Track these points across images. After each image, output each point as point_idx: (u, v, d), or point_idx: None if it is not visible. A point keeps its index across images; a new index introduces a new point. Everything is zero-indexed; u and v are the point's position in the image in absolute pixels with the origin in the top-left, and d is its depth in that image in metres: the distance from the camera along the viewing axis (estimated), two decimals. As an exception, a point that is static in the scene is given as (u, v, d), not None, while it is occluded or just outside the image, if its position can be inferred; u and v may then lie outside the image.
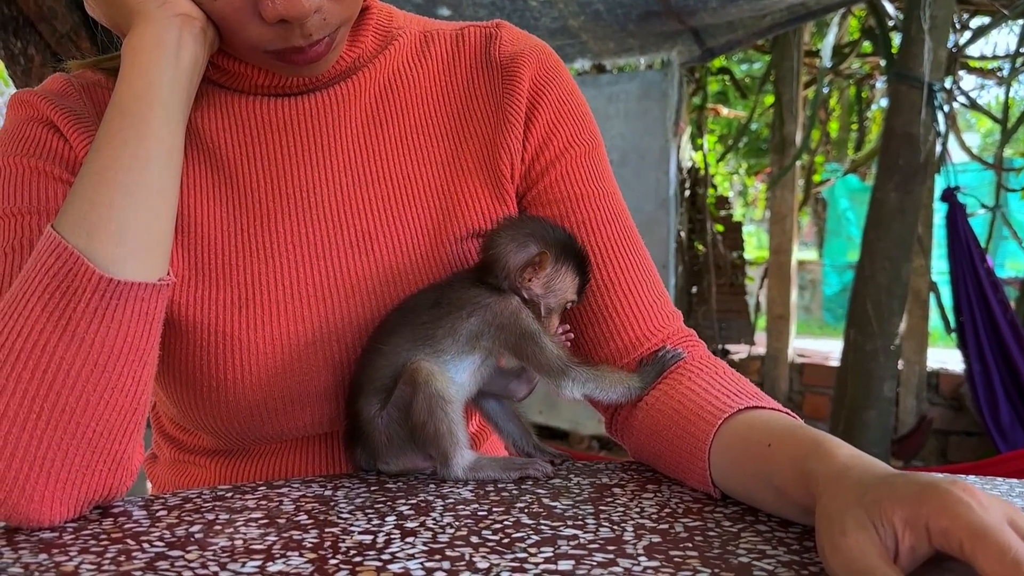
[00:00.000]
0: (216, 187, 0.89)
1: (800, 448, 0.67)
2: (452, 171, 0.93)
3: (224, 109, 0.90)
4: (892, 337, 3.95)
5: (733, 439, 0.76)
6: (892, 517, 0.53)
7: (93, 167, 0.74)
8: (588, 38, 3.89)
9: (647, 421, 0.87)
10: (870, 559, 0.52)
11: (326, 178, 0.90)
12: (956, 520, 0.51)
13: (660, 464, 0.86)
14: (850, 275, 4.85)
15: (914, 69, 3.81)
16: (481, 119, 0.95)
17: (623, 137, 4.25)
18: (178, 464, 1.02)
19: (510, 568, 0.58)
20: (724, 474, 0.76)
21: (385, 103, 0.94)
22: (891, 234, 3.87)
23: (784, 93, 5.60)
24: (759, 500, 0.73)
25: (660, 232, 4.18)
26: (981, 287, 3.99)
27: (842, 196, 9.92)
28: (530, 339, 0.83)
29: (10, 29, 2.48)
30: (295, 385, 0.87)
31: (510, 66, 0.95)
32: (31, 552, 0.62)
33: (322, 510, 0.73)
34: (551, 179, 0.95)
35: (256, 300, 0.86)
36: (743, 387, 0.83)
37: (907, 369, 4.89)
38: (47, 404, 0.68)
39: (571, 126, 0.96)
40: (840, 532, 0.55)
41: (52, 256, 0.70)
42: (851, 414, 4.02)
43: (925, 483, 0.54)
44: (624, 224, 0.97)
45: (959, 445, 4.82)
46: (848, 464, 0.61)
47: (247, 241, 0.88)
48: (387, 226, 0.91)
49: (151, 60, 0.76)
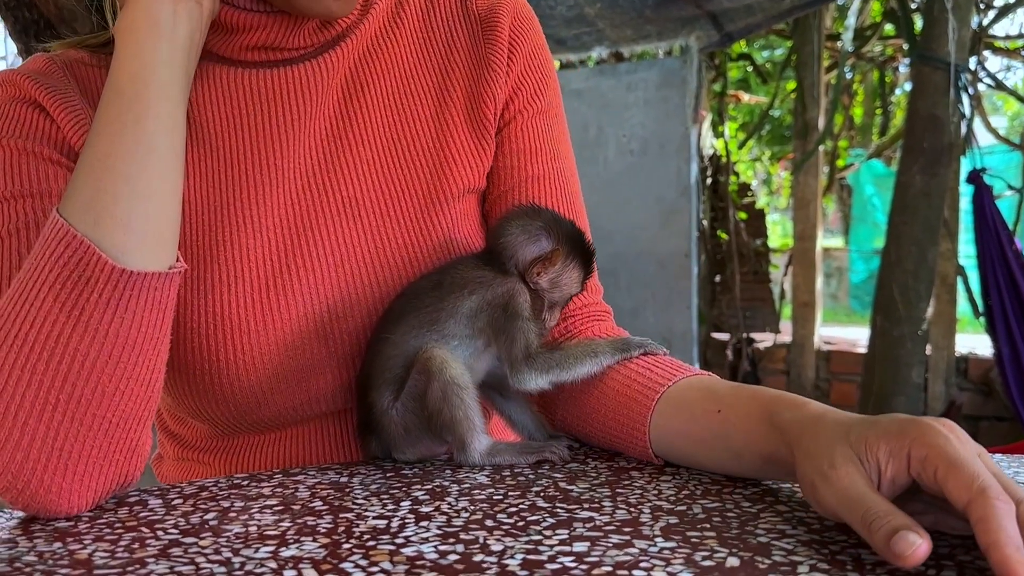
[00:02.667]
0: (201, 161, 0.88)
1: (759, 403, 0.72)
2: (439, 127, 0.94)
3: (209, 81, 0.90)
4: (919, 322, 3.91)
5: (673, 409, 0.80)
6: (877, 451, 0.57)
7: (95, 153, 0.73)
8: (605, 25, 3.86)
9: (576, 397, 0.89)
10: (861, 487, 0.55)
11: (311, 147, 0.90)
12: (934, 449, 0.54)
13: (595, 436, 0.88)
14: (877, 262, 4.80)
15: (937, 50, 3.75)
16: (463, 72, 0.96)
17: (643, 126, 4.22)
18: (182, 462, 1.01)
19: (524, 550, 0.57)
20: (667, 444, 0.80)
21: (366, 67, 0.94)
22: (917, 218, 3.83)
23: (806, 78, 5.55)
24: (705, 461, 0.78)
25: (682, 221, 4.14)
26: (1009, 270, 3.92)
27: (867, 182, 9.81)
28: (514, 320, 0.83)
29: (32, 32, 2.49)
30: (289, 361, 0.86)
31: (489, 17, 0.97)
32: (45, 541, 0.62)
33: (337, 496, 0.72)
34: (512, 131, 0.96)
35: (246, 276, 0.85)
36: (666, 362, 0.86)
37: (935, 355, 4.84)
38: (63, 396, 0.68)
39: (536, 81, 0.98)
40: (829, 466, 0.58)
41: (62, 244, 0.69)
42: (879, 401, 3.98)
43: (908, 419, 0.58)
44: (571, 189, 0.99)
45: (989, 430, 4.76)
46: (821, 411, 0.66)
47: (234, 215, 0.87)
48: (374, 191, 0.91)
49: (145, 40, 0.75)
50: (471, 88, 0.95)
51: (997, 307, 3.98)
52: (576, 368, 0.85)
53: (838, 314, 9.98)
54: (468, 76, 0.95)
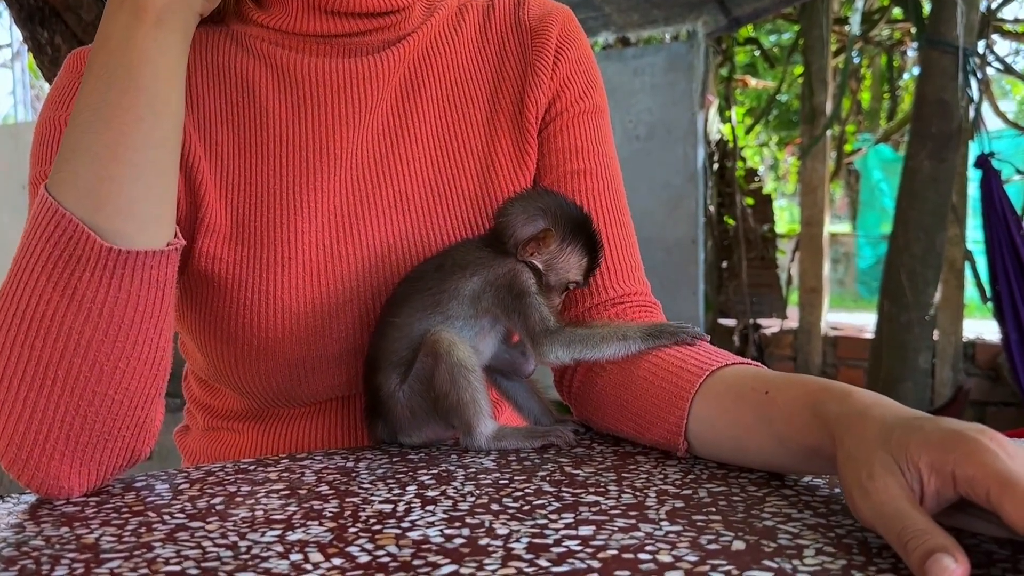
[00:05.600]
0: (265, 145, 0.90)
1: (806, 390, 0.68)
2: (489, 132, 0.96)
3: (278, 69, 0.92)
4: (927, 308, 3.90)
5: (721, 388, 0.76)
6: (918, 462, 0.53)
7: (102, 141, 0.71)
8: (611, 10, 3.85)
9: (616, 373, 0.86)
10: (899, 502, 0.52)
11: (368, 139, 0.92)
12: (983, 468, 0.50)
13: (621, 417, 0.85)
14: (884, 247, 4.78)
15: (946, 34, 3.73)
16: (513, 79, 0.98)
17: (650, 111, 4.21)
18: (211, 431, 1.03)
19: (530, 534, 0.58)
20: (708, 423, 0.76)
21: (424, 67, 0.96)
22: (925, 203, 3.81)
23: (813, 62, 5.51)
24: (748, 448, 0.72)
25: (689, 206, 4.14)
26: (1017, 255, 3.90)
27: (875, 167, 9.77)
28: (522, 297, 0.82)
29: (36, 19, 2.49)
30: (332, 343, 0.88)
31: (538, 26, 0.99)
32: (53, 525, 0.63)
33: (343, 481, 0.72)
34: (555, 128, 0.97)
35: (298, 258, 0.87)
36: (718, 350, 0.83)
37: (943, 340, 4.82)
38: (60, 372, 0.68)
39: (583, 84, 0.99)
40: (868, 476, 0.55)
41: (52, 223, 0.69)
42: (886, 386, 3.98)
43: (952, 430, 0.53)
44: (615, 186, 0.99)
45: (997, 416, 4.75)
46: (867, 403, 0.61)
47: (291, 199, 0.89)
48: (424, 188, 0.93)
49: (132, 24, 0.73)
50: (518, 94, 0.97)
51: (1005, 292, 3.96)
52: (602, 347, 0.83)
53: (845, 300, 9.96)
54: (516, 83, 0.98)
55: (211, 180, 0.88)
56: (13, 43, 8.44)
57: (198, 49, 0.92)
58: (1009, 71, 5.34)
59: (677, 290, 4.15)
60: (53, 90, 0.89)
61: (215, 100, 0.91)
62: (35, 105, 8.43)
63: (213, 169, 0.89)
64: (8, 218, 5.29)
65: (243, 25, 0.94)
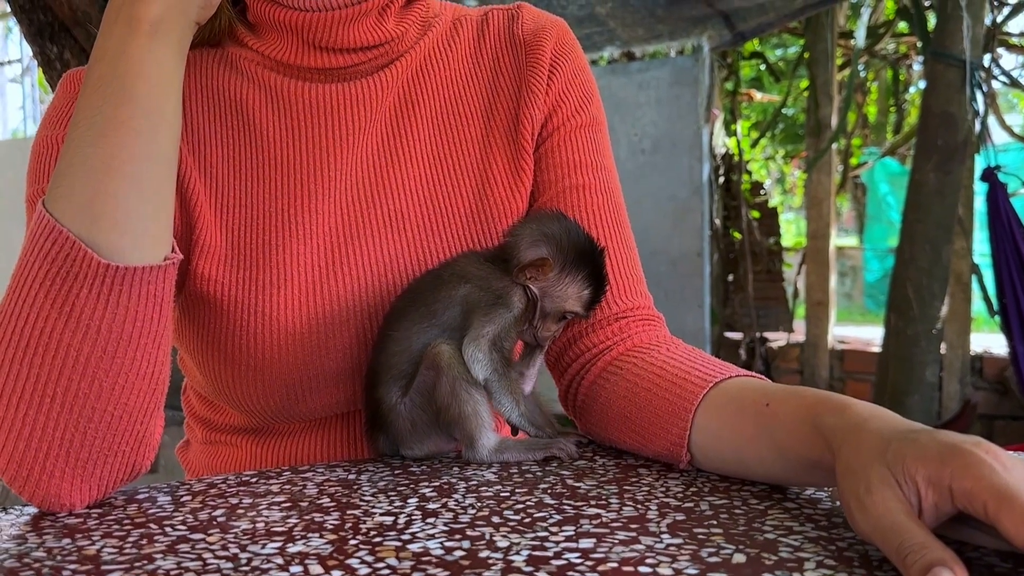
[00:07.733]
0: (260, 167, 0.90)
1: (806, 403, 0.68)
2: (484, 149, 0.96)
3: (272, 92, 0.92)
4: (934, 321, 3.89)
5: (724, 400, 0.76)
6: (915, 475, 0.53)
7: (98, 155, 0.71)
8: (616, 25, 3.86)
9: (620, 385, 0.86)
10: (897, 516, 0.52)
11: (362, 160, 0.92)
12: (980, 482, 0.50)
13: (624, 429, 0.85)
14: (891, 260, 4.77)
15: (951, 47, 3.74)
16: (508, 95, 0.97)
17: (655, 124, 4.21)
18: (210, 445, 1.03)
19: (530, 546, 0.57)
20: (710, 435, 0.76)
21: (418, 86, 0.96)
22: (931, 216, 3.81)
23: (819, 76, 5.52)
24: (750, 461, 0.72)
25: (694, 219, 4.14)
26: (1024, 268, 3.89)
27: (882, 180, 9.76)
28: (495, 308, 0.82)
29: (46, 35, 2.51)
30: (329, 363, 0.88)
31: (532, 41, 0.98)
32: (55, 537, 0.63)
33: (345, 493, 0.72)
34: (553, 143, 0.97)
35: (294, 280, 0.87)
36: (721, 363, 0.83)
37: (950, 353, 4.80)
38: (59, 389, 0.68)
39: (578, 98, 0.99)
40: (865, 490, 0.54)
41: (49, 241, 0.69)
42: (893, 400, 3.96)
43: (948, 443, 0.53)
44: (615, 200, 0.98)
45: (1004, 429, 4.73)
46: (864, 415, 0.61)
47: (287, 222, 0.89)
48: (419, 207, 0.93)
49: (127, 36, 0.73)
50: (513, 111, 0.97)
51: (1012, 305, 3.94)
52: (501, 396, 0.83)
53: (852, 313, 9.93)
54: (511, 99, 0.97)
55: (206, 201, 0.89)
56: (23, 58, 8.51)
57: (193, 72, 0.92)
58: (1015, 84, 5.33)
59: (683, 303, 4.14)
60: (50, 109, 0.89)
61: (210, 122, 0.91)
62: (45, 120, 8.47)
63: (208, 191, 0.89)
64: (18, 231, 5.30)
65: (238, 48, 0.94)
